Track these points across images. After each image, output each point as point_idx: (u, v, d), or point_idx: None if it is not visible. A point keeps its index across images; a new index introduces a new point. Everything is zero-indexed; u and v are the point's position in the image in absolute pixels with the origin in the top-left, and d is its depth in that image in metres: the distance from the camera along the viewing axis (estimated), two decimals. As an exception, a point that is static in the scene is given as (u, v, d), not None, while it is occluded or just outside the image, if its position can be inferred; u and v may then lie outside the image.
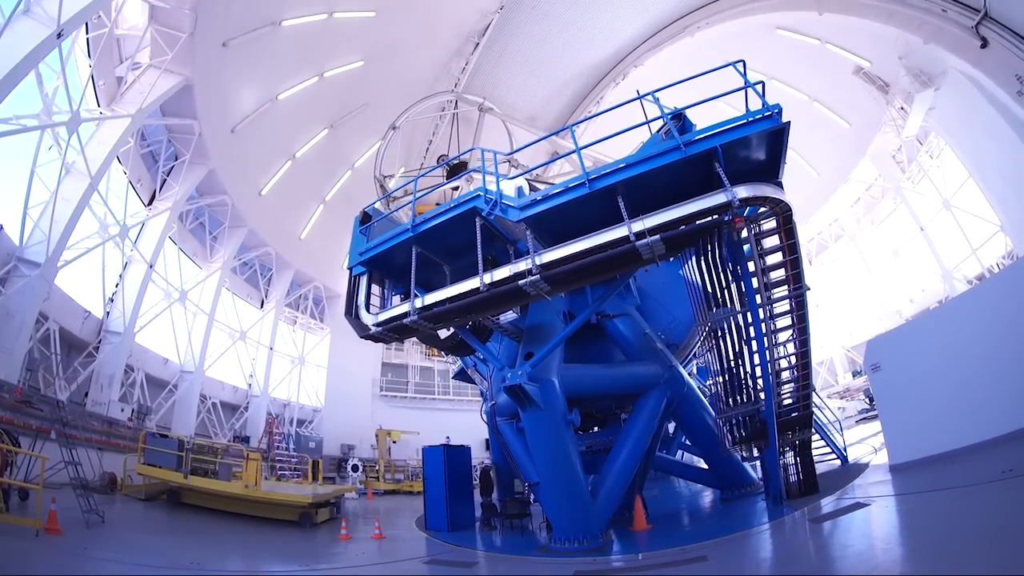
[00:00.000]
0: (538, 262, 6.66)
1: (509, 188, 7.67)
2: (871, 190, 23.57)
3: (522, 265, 6.80)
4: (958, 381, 7.15)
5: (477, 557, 8.57)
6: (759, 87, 6.46)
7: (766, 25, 22.41)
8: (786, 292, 7.37)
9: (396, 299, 9.09)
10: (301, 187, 25.52)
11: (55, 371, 15.04)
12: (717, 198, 6.05)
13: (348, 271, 9.00)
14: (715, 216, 6.18)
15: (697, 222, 6.16)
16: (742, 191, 6.00)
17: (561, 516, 7.96)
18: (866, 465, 9.50)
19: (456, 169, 13.11)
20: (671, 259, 7.12)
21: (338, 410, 27.78)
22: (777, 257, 7.45)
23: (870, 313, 23.98)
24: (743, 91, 6.57)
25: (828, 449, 10.90)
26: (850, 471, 9.42)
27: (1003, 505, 4.86)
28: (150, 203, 18.83)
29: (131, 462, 12.66)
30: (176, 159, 19.29)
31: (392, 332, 8.37)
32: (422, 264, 8.26)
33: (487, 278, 7.03)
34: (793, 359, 7.91)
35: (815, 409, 11.55)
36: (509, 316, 9.84)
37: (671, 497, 12.91)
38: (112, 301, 17.42)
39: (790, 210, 6.51)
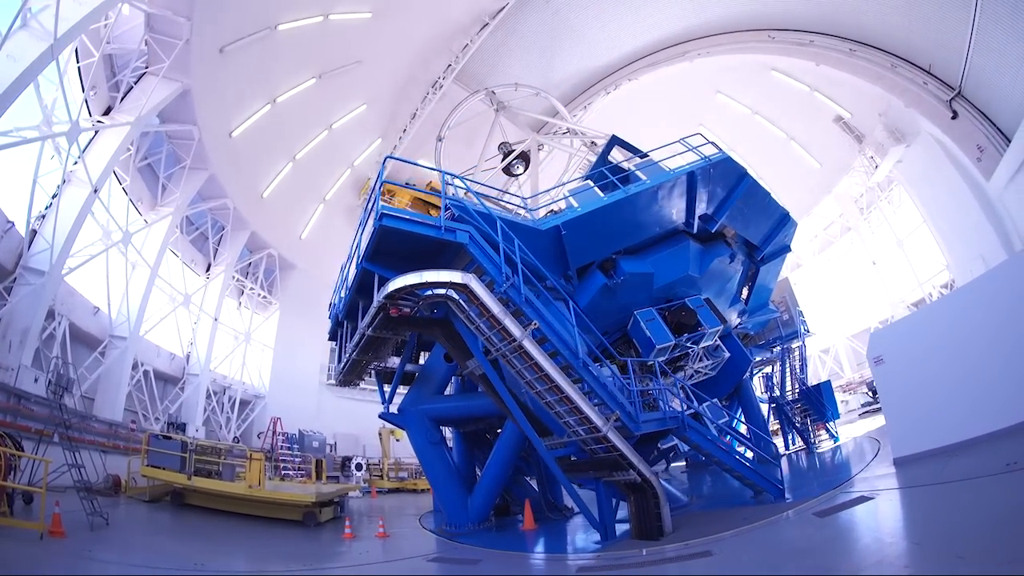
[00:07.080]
0: (349, 344, 9.52)
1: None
2: (830, 227, 26.73)
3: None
4: (962, 373, 7.03)
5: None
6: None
7: (762, 65, 24.52)
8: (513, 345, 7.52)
9: None
10: (275, 140, 22.20)
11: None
12: (374, 303, 7.74)
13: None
14: (381, 312, 7.84)
15: (377, 316, 7.96)
16: (390, 287, 7.35)
17: (444, 506, 10.27)
18: (805, 499, 7.63)
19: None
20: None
21: (282, 397, 24.09)
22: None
23: (819, 334, 26.96)
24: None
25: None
26: (772, 510, 7.42)
27: (1007, 498, 4.78)
28: (106, 113, 14.81)
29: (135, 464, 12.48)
30: (147, 68, 15.49)
31: (343, 380, 11.63)
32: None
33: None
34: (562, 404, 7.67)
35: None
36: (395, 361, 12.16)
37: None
38: (40, 223, 13.19)
39: (448, 283, 7.37)
